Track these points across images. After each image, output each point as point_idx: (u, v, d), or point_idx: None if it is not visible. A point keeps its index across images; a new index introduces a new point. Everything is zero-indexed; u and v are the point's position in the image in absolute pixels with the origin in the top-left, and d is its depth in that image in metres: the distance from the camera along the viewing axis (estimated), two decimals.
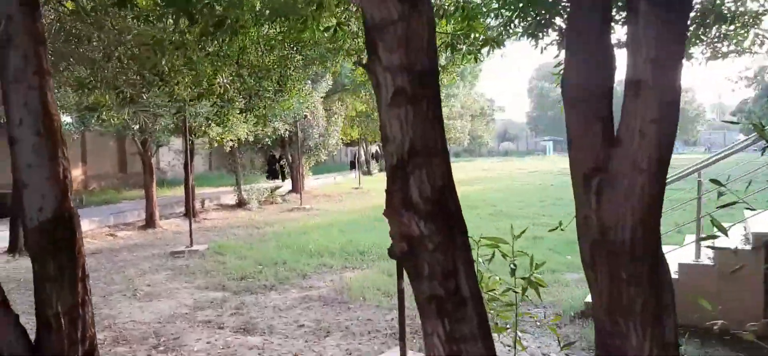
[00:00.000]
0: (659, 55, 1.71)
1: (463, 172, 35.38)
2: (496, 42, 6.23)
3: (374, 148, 38.68)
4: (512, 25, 4.53)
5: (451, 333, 1.80)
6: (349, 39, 6.26)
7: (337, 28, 5.68)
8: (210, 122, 9.72)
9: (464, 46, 6.88)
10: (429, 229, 1.79)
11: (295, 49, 5.81)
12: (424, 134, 1.82)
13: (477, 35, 6.77)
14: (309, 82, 10.78)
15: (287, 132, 16.47)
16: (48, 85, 2.72)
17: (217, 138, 13.77)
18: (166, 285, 8.19)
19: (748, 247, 5.52)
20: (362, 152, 35.65)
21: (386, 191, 1.87)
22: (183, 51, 4.55)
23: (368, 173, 32.21)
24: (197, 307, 7.10)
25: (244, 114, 6.76)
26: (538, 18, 4.35)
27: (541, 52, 4.90)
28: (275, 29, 5.14)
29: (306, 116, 17.37)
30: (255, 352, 5.55)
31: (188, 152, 11.33)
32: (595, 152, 1.96)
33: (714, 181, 2.65)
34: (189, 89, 5.58)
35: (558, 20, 4.39)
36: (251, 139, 15.48)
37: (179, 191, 20.14)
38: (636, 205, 1.76)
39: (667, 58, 1.71)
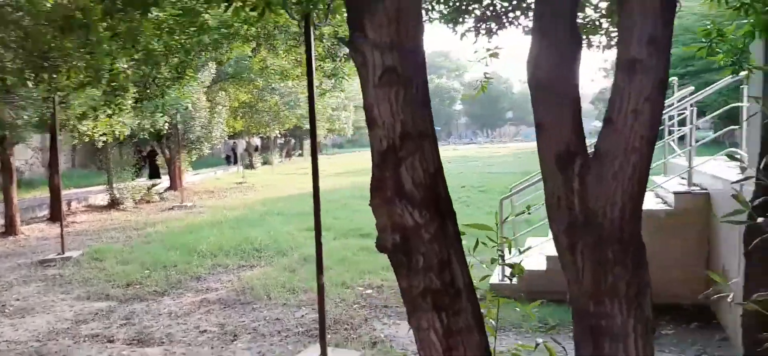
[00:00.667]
0: (655, 33, 1.66)
1: (361, 163, 35.45)
2: None
3: (257, 141, 37.53)
4: (432, 11, 4.44)
5: (449, 327, 1.66)
6: (244, 23, 5.85)
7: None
8: (97, 113, 8.68)
9: None
10: (424, 218, 1.62)
11: (194, 32, 5.28)
12: (414, 116, 1.64)
13: None
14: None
15: (166, 125, 15.34)
16: None
17: (89, 133, 12.50)
18: (40, 298, 7.25)
19: None
20: (244, 146, 34.48)
21: (373, 179, 1.67)
22: (85, 31, 3.91)
23: (251, 166, 31.16)
24: (80, 320, 6.35)
25: (140, 103, 6.05)
26: (457, 4, 4.30)
27: (461, 38, 4.84)
28: (171, 10, 4.62)
29: (187, 107, 16.32)
30: None
31: (55, 148, 10.12)
32: (568, 135, 1.91)
33: None
34: (80, 76, 4.85)
35: (476, 7, 4.37)
36: (127, 133, 14.24)
37: (39, 193, 18.11)
38: (626, 186, 1.71)
39: (662, 37, 1.67)
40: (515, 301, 5.99)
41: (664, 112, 7.72)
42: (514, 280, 6.26)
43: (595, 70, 51.80)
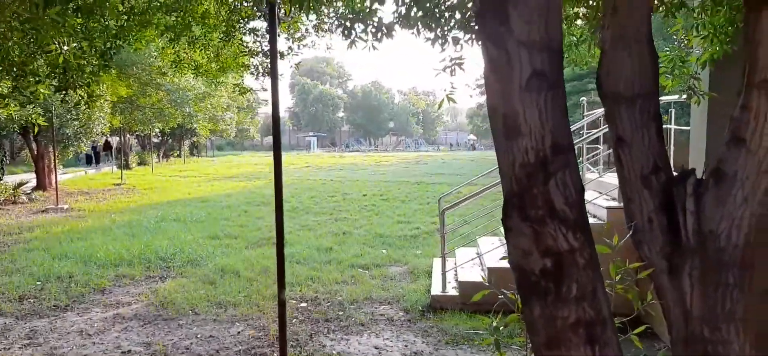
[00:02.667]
0: None
1: (247, 166, 34.14)
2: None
3: (114, 140, 34.73)
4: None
5: None
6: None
7: None
8: (6, 99, 7.42)
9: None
10: (578, 241, 1.51)
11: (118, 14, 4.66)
12: (563, 126, 1.52)
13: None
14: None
15: (36, 116, 13.69)
16: None
17: None
18: None
19: None
20: (114, 144, 31.92)
21: (512, 195, 1.53)
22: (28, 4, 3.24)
23: (127, 166, 28.91)
24: None
25: (60, 93, 5.19)
26: (435, 11, 4.24)
27: (349, 47, 4.65)
28: None
29: (64, 99, 14.73)
30: None
31: None
32: (655, 151, 1.90)
33: None
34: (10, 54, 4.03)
35: (451, 15, 4.34)
36: None
37: None
38: (755, 208, 1.70)
39: None
40: (457, 312, 6.07)
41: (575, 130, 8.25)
42: (454, 291, 6.30)
43: (474, 86, 54.41)
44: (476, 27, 1.63)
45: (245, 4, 6.54)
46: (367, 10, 4.09)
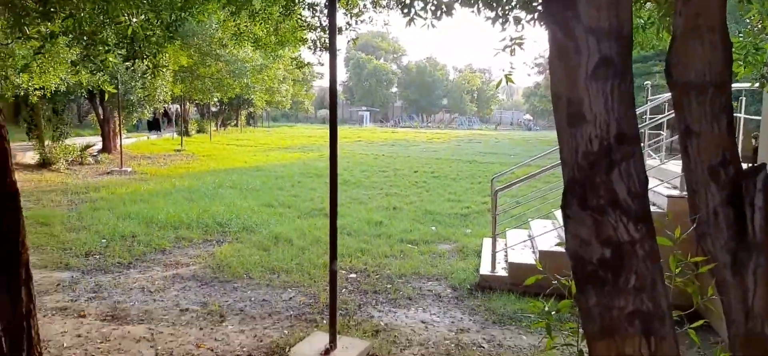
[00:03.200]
0: None
1: (301, 138, 34.75)
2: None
3: (173, 108, 35.87)
4: None
5: (655, 353, 1.54)
6: None
7: None
8: (77, 67, 7.85)
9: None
10: (640, 233, 1.49)
11: None
12: (629, 115, 1.50)
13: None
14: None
15: (104, 83, 14.26)
16: None
17: (25, 85, 11.47)
18: None
19: None
20: (180, 112, 33.00)
21: (573, 183, 1.52)
22: None
23: (186, 133, 29.87)
24: (41, 290, 5.82)
25: (128, 61, 5.44)
26: None
27: (407, 25, 4.61)
28: None
29: (128, 67, 15.32)
30: (145, 345, 4.68)
31: None
32: (725, 144, 1.84)
33: None
34: (76, 24, 4.27)
35: None
36: (63, 88, 13.19)
37: None
38: None
39: None
40: (505, 292, 6.05)
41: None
42: (503, 272, 6.28)
43: (532, 65, 53.25)
44: (541, 10, 1.61)
45: None
46: None
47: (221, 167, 17.60)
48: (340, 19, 6.90)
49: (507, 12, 4.47)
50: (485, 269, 6.54)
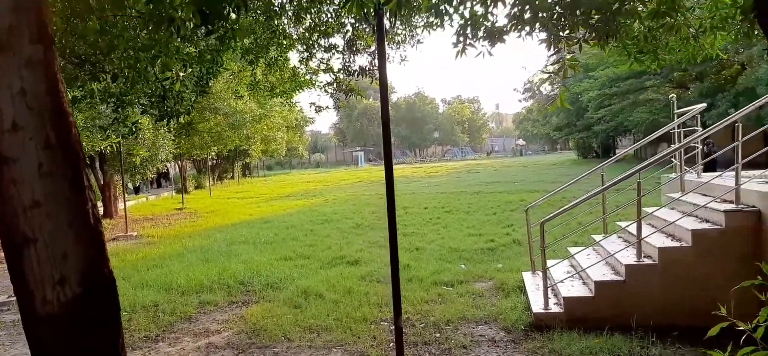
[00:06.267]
0: None
1: (299, 184, 34.41)
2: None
3: (189, 163, 35.70)
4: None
5: None
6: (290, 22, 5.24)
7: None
8: (106, 131, 7.54)
9: None
10: None
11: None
12: None
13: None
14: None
15: (108, 146, 13.96)
16: (54, 59, 1.51)
17: None
18: (8, 352, 6.15)
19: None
20: (178, 170, 32.66)
21: None
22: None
23: (185, 190, 29.49)
24: None
25: (164, 121, 5.10)
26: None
27: (458, 56, 4.31)
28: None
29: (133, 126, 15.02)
30: None
31: None
32: None
33: None
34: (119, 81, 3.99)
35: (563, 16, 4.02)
36: None
37: None
38: None
39: None
40: (565, 330, 5.67)
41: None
42: (557, 308, 5.92)
43: (522, 90, 53.56)
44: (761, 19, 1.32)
45: (325, 19, 6.39)
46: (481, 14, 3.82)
47: (228, 222, 17.20)
48: (365, 60, 6.66)
49: (559, 31, 4.23)
50: (537, 306, 6.16)
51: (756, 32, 4.65)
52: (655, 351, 5.12)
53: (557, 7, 4.12)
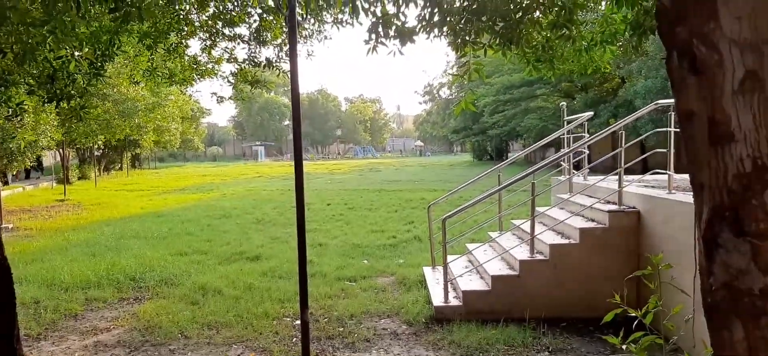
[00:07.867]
0: None
1: (195, 178, 33.03)
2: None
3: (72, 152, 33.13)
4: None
5: None
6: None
7: None
8: None
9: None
10: None
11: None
12: None
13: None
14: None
15: None
16: None
17: None
18: None
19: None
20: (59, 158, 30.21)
21: (723, 208, 1.37)
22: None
23: (68, 181, 27.35)
24: None
25: (52, 104, 4.54)
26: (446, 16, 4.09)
27: (369, 53, 4.38)
28: None
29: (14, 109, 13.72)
30: None
31: None
32: None
33: None
34: None
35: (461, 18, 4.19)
36: None
37: None
38: None
39: None
40: (464, 323, 5.90)
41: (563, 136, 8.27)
42: (456, 301, 6.17)
43: (423, 92, 54.94)
44: (660, 29, 1.46)
45: (230, 7, 6.21)
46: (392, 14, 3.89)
47: (116, 215, 16.20)
48: (271, 52, 6.54)
49: (465, 35, 4.39)
50: (438, 300, 6.37)
51: (645, 46, 5.09)
52: (545, 341, 5.47)
53: (465, 13, 4.29)
